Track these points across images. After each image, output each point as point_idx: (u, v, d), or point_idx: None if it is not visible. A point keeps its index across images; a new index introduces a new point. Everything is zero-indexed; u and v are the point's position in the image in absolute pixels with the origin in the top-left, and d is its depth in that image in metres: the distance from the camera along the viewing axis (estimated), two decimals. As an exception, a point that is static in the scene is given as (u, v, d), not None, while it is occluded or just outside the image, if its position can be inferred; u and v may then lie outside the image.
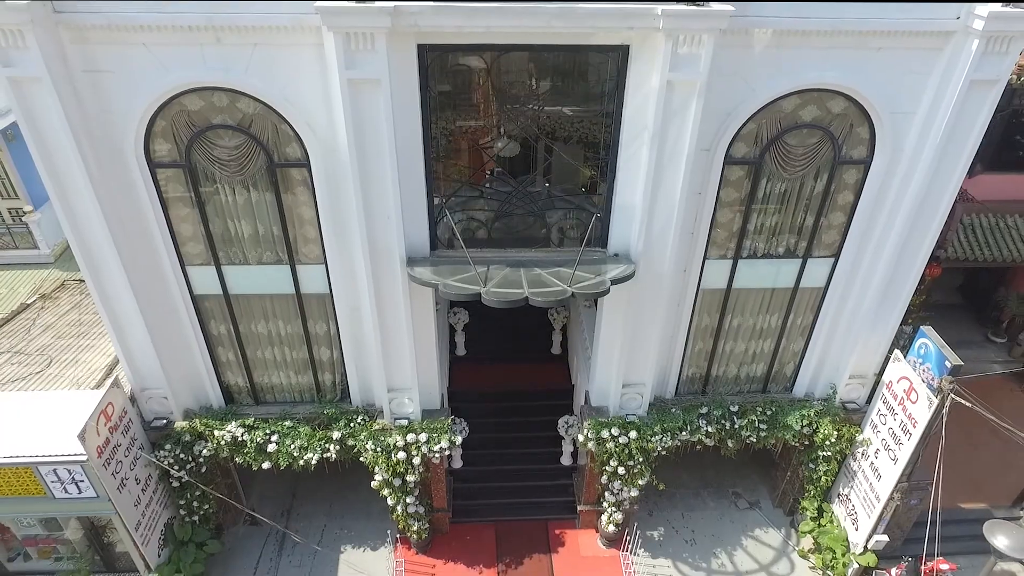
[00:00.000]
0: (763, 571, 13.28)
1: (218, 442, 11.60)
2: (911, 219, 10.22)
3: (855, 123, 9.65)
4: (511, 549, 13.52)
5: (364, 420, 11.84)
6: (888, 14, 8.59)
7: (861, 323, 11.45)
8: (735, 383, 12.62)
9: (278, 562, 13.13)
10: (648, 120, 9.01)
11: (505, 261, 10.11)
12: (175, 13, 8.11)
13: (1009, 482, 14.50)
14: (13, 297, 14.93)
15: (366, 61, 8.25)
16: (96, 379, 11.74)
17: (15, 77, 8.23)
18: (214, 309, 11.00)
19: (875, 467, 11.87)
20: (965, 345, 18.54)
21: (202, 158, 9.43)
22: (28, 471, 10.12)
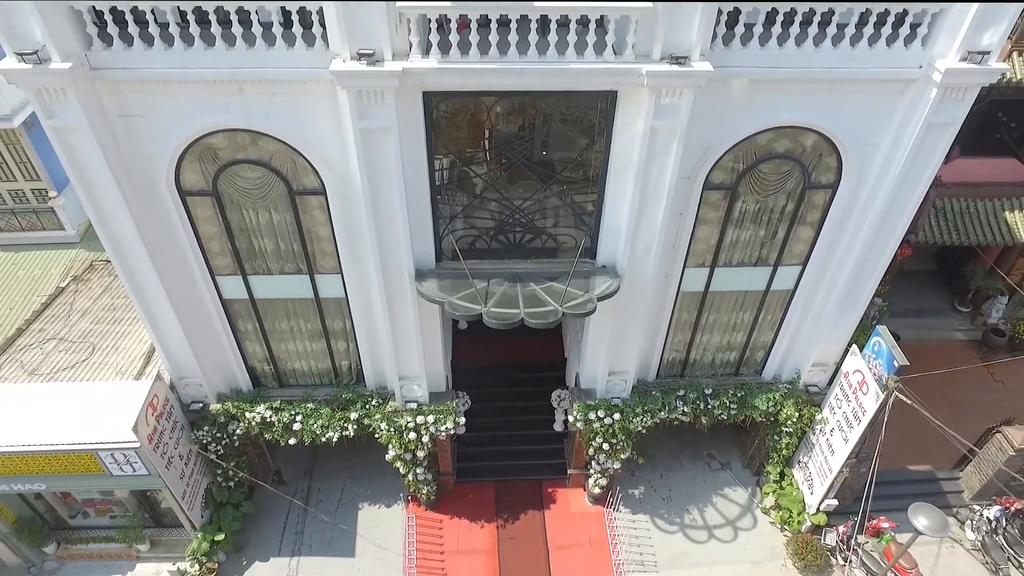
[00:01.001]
0: (730, 526, 15.15)
1: (249, 422, 13.09)
2: (872, 235, 11.25)
3: (824, 154, 10.53)
4: (509, 505, 15.35)
5: (378, 402, 13.30)
6: (855, 64, 9.34)
7: (825, 320, 12.70)
8: (710, 367, 14.01)
9: (304, 517, 14.96)
10: (633, 157, 9.91)
11: (504, 274, 11.22)
12: (201, 69, 8.88)
13: (951, 449, 16.01)
14: (46, 279, 16.04)
15: (377, 113, 9.08)
16: (137, 367, 13.08)
17: (59, 127, 9.08)
18: (241, 310, 12.21)
19: (830, 443, 13.44)
20: (933, 313, 19.99)
21: (228, 187, 10.38)
22: (90, 455, 11.64)
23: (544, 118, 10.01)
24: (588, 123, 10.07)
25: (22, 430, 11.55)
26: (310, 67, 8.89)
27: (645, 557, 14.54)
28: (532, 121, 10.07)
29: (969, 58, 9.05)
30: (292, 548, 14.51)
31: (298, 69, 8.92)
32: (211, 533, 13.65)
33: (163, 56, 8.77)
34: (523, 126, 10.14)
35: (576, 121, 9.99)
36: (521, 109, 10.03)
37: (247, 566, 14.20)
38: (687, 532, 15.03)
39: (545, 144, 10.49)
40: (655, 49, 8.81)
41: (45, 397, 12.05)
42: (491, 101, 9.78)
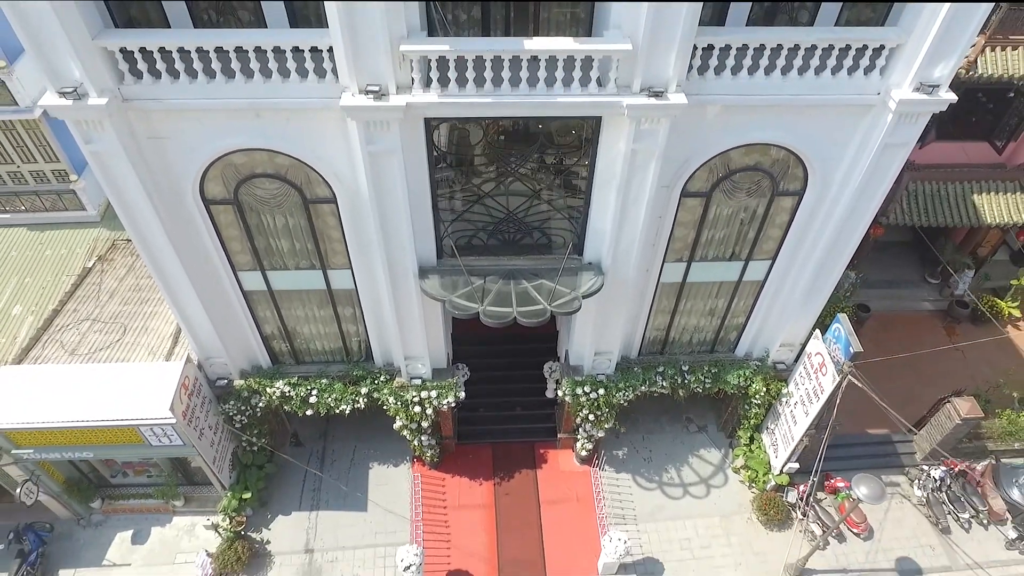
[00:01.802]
0: (703, 483, 16.84)
1: (270, 396, 14.52)
2: (834, 236, 12.35)
3: (791, 166, 11.52)
4: (504, 465, 17.00)
5: (386, 378, 14.69)
6: (819, 90, 10.24)
7: (792, 307, 13.94)
8: (688, 346, 15.35)
9: (320, 476, 16.61)
10: (616, 171, 10.90)
11: (499, 271, 12.36)
12: (222, 99, 9.79)
13: (910, 411, 17.49)
14: (72, 258, 17.12)
15: (383, 138, 10.03)
16: (166, 348, 14.39)
17: (96, 151, 10.05)
18: (260, 300, 13.42)
19: (793, 415, 14.92)
20: (905, 284, 21.24)
21: (247, 196, 11.40)
22: (132, 429, 13.09)
23: (536, 136, 10.95)
24: (577, 137, 11.03)
25: (72, 407, 12.94)
26: (321, 97, 9.80)
27: (626, 511, 16.28)
28: (525, 137, 11.02)
29: (921, 89, 9.96)
30: (311, 503, 16.22)
31: (310, 99, 9.83)
32: (239, 492, 15.31)
33: (188, 88, 9.66)
34: (516, 141, 11.09)
35: (566, 133, 10.92)
36: (514, 126, 10.97)
37: (271, 519, 15.94)
38: (664, 489, 16.73)
39: (538, 153, 11.47)
40: (635, 82, 9.70)
41: (91, 377, 13.39)
42: (488, 121, 10.71)
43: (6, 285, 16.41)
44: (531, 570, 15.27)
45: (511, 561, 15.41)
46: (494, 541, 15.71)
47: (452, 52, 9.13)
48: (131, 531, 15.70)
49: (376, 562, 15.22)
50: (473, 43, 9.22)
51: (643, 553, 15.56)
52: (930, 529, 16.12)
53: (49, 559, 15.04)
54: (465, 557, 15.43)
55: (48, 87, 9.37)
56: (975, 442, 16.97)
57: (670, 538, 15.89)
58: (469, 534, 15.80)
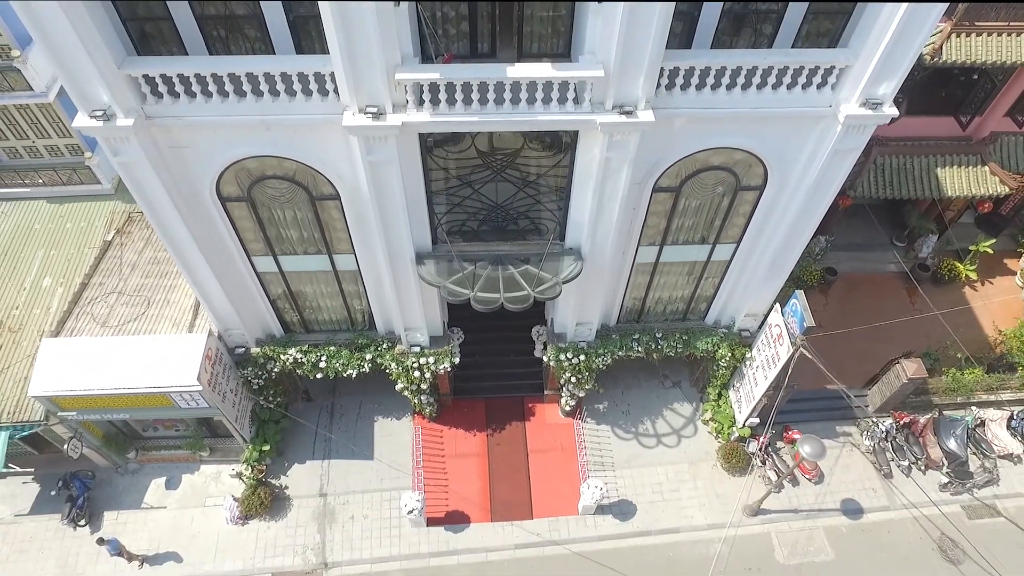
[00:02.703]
0: (675, 434, 18.72)
1: (284, 362, 16.11)
2: (792, 223, 13.58)
3: (752, 165, 12.65)
4: (496, 418, 18.83)
5: (388, 346, 16.25)
6: (776, 104, 11.30)
7: (755, 282, 15.32)
8: (662, 315, 16.84)
9: (330, 429, 18.46)
10: (592, 174, 12.05)
11: (488, 256, 13.67)
12: (235, 116, 10.86)
13: (865, 369, 19.30)
14: (92, 230, 18.30)
15: (382, 150, 11.16)
16: (187, 319, 15.84)
17: (123, 162, 11.18)
18: (272, 280, 14.79)
19: (754, 377, 16.58)
20: (873, 247, 22.60)
21: (259, 194, 12.59)
22: (163, 396, 14.73)
23: (520, 140, 12.06)
24: (558, 142, 12.14)
25: (110, 376, 14.51)
26: (324, 114, 10.87)
27: (605, 459, 18.22)
28: (511, 140, 12.11)
29: (867, 104, 11.03)
30: (323, 453, 18.12)
31: (314, 115, 10.90)
32: (259, 444, 17.15)
33: (204, 106, 10.72)
34: (503, 145, 12.19)
35: (547, 140, 12.03)
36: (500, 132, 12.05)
37: (288, 467, 17.87)
38: (640, 439, 18.63)
39: (521, 156, 12.58)
40: (608, 101, 10.76)
41: (125, 348, 14.90)
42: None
43: (34, 258, 17.70)
44: (520, 511, 17.31)
45: (502, 503, 17.44)
46: (487, 486, 17.70)
47: (442, 79, 10.16)
48: (164, 478, 17.65)
49: (382, 505, 17.24)
50: (461, 70, 10.23)
51: (619, 496, 17.58)
52: (874, 474, 18.11)
53: (94, 503, 17.03)
54: (461, 500, 17.45)
55: (80, 110, 10.43)
56: (922, 396, 18.75)
57: (643, 482, 17.89)
58: (465, 480, 17.78)
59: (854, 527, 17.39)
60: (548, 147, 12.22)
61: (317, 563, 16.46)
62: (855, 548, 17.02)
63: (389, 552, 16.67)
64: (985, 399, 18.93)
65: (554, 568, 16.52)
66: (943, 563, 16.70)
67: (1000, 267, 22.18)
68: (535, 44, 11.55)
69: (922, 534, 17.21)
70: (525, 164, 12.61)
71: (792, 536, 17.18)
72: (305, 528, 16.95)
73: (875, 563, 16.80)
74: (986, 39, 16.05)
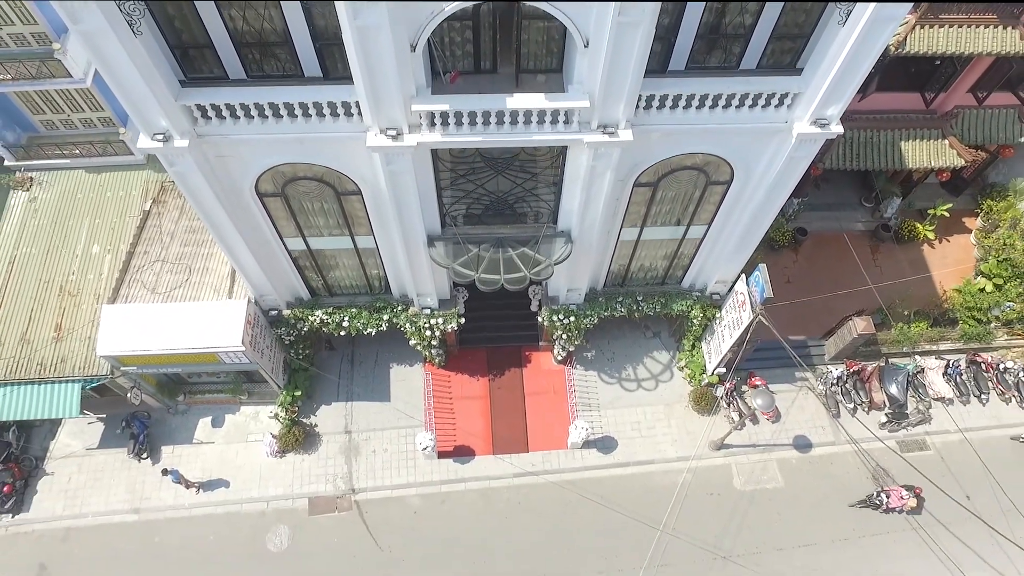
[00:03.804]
0: (654, 379, 21.36)
1: (311, 323, 18.48)
2: (755, 211, 15.57)
3: (720, 165, 14.51)
4: (497, 365, 21.40)
5: (402, 308, 18.55)
6: (739, 120, 13.07)
7: (725, 255, 17.43)
8: (643, 280, 19.06)
9: (351, 375, 21.06)
10: (580, 176, 13.95)
11: (490, 239, 15.71)
12: (273, 134, 12.67)
13: (825, 320, 21.65)
14: (129, 199, 20.13)
15: (399, 161, 13.02)
16: (226, 286, 18.03)
17: (178, 171, 13.07)
18: (301, 255, 16.89)
19: (722, 334, 18.97)
20: (843, 207, 24.52)
21: (292, 191, 14.51)
22: (211, 354, 17.17)
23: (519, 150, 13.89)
24: (551, 150, 13.95)
25: (165, 338, 16.86)
26: (349, 132, 12.68)
27: (592, 400, 20.93)
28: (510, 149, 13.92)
29: (817, 123, 12.81)
30: (346, 395, 20.80)
31: (341, 133, 12.71)
32: (291, 390, 19.78)
33: (246, 126, 12.52)
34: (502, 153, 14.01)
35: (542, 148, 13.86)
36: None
37: (317, 408, 20.60)
38: (622, 383, 21.29)
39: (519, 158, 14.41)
40: (593, 122, 12.54)
41: (176, 313, 17.19)
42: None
43: (82, 226, 19.70)
44: (517, 446, 20.18)
45: (502, 439, 20.29)
46: (489, 424, 20.50)
47: (451, 109, 11.93)
48: (210, 417, 20.41)
49: (399, 441, 20.08)
50: (467, 101, 11.98)
51: (603, 432, 20.41)
52: (824, 415, 20.89)
53: (153, 439, 19.86)
54: (467, 436, 20.29)
55: (142, 133, 12.23)
56: (872, 347, 21.27)
57: (624, 421, 20.69)
58: (470, 419, 20.56)
59: (803, 459, 20.34)
60: (542, 153, 14.03)
61: (346, 489, 19.48)
62: (802, 477, 20.03)
63: (406, 480, 19.65)
64: (928, 349, 21.47)
65: (547, 494, 19.56)
66: (875, 489, 19.71)
67: (959, 226, 24.13)
68: (532, 62, 13.11)
69: (860, 465, 20.16)
70: (522, 165, 14.45)
71: (749, 467, 20.16)
72: (334, 460, 19.87)
73: (817, 489, 19.85)
74: (948, 31, 17.39)
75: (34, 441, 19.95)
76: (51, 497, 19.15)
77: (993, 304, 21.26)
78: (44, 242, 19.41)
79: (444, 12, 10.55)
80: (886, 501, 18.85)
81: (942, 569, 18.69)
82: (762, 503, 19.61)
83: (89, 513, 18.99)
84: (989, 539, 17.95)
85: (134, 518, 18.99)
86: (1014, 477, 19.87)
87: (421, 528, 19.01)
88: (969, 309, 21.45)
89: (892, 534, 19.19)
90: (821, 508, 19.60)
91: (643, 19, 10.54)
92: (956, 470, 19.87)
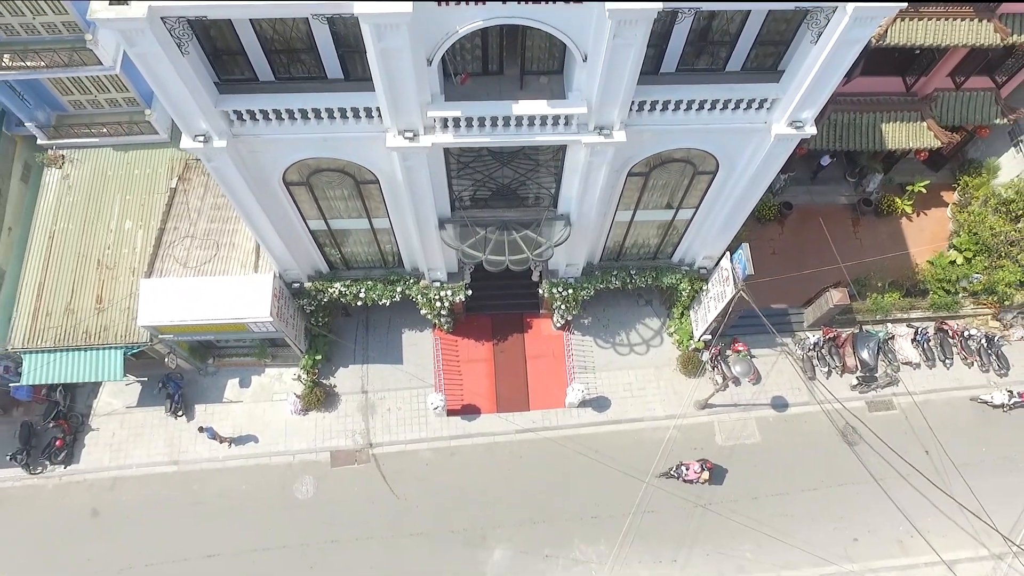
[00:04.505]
0: (645, 344, 23.14)
1: (331, 294, 20.12)
2: (739, 197, 17.00)
3: (707, 158, 15.89)
4: (500, 330, 23.16)
5: (414, 281, 20.17)
6: (723, 120, 14.41)
7: (712, 235, 18.94)
8: (636, 256, 20.62)
9: (366, 340, 22.82)
10: (578, 169, 15.36)
11: (496, 222, 17.21)
12: (300, 134, 14.03)
13: (806, 289, 23.26)
14: (156, 176, 21.43)
15: (414, 157, 14.41)
16: (252, 261, 19.57)
17: (216, 167, 14.48)
18: (322, 234, 18.41)
19: (708, 305, 20.64)
20: (829, 181, 25.89)
21: (316, 181, 15.94)
22: (241, 324, 18.87)
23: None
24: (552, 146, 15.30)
25: (200, 309, 18.50)
26: (370, 132, 14.04)
27: (588, 363, 22.77)
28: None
29: (792, 125, 14.16)
30: (362, 359, 22.62)
31: (362, 133, 14.07)
32: (312, 354, 21.58)
33: (277, 127, 13.88)
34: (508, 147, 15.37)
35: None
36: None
37: (335, 370, 22.45)
38: (616, 347, 23.09)
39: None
40: (590, 124, 13.89)
41: (209, 286, 18.78)
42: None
43: (114, 202, 21.09)
44: (519, 404, 22.12)
45: (505, 398, 22.20)
46: (493, 384, 22.38)
47: (462, 115, 13.27)
48: (237, 379, 22.27)
49: (411, 400, 22.00)
50: (476, 107, 13.31)
51: (597, 393, 22.31)
52: (801, 377, 22.76)
53: (187, 398, 21.76)
54: (473, 396, 22.20)
55: (184, 134, 13.59)
56: (847, 315, 22.97)
57: (618, 382, 22.57)
58: (475, 380, 22.43)
59: (779, 418, 22.32)
60: (544, 149, 15.38)
61: (364, 444, 21.51)
62: (778, 434, 22.04)
63: (418, 435, 21.66)
64: (899, 317, 23.18)
65: (546, 448, 21.59)
66: (842, 445, 21.77)
67: (937, 200, 25.48)
68: (535, 64, 14.35)
69: (831, 423, 22.15)
70: (527, 155, 15.82)
71: (730, 424, 22.15)
72: (352, 417, 21.83)
73: (791, 445, 21.88)
74: (926, 24, 18.43)
75: (78, 400, 21.85)
76: (98, 450, 21.19)
77: (962, 276, 22.86)
78: (80, 218, 20.85)
79: (458, 34, 11.81)
80: (684, 473, 20.39)
81: (898, 516, 20.88)
82: (740, 457, 21.67)
83: (133, 464, 21.07)
84: (936, 490, 20.02)
85: (173, 469, 21.07)
86: (971, 433, 21.92)
87: (433, 478, 21.11)
88: (939, 280, 23.05)
89: (855, 486, 21.31)
90: (794, 461, 21.67)
91: (635, 40, 11.80)
92: (918, 428, 21.84)
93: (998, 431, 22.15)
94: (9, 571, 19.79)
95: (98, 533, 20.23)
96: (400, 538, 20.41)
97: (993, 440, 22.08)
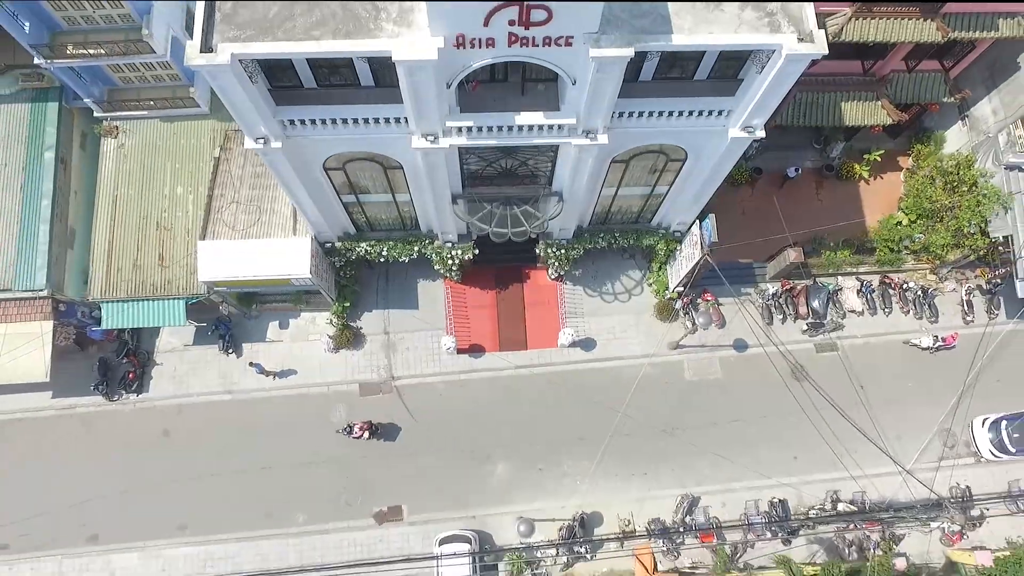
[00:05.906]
0: (627, 293, 26.74)
1: (358, 253, 23.55)
2: (705, 179, 20.19)
3: (677, 150, 18.98)
4: (502, 281, 26.71)
5: (429, 241, 23.56)
6: (690, 125, 17.45)
7: (684, 205, 22.23)
8: (620, 220, 23.92)
9: (387, 289, 26.39)
10: (569, 160, 18.49)
11: (500, 197, 20.43)
12: (341, 136, 17.10)
13: (768, 249, 26.65)
14: (200, 146, 24.24)
15: (434, 155, 17.52)
16: (290, 225, 22.83)
17: (271, 160, 17.61)
18: (352, 205, 21.65)
19: (681, 263, 24.09)
20: (798, 148, 28.74)
21: (350, 167, 19.06)
22: (285, 279, 22.37)
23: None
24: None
25: (250, 267, 21.94)
26: (397, 134, 17.11)
27: (577, 309, 26.45)
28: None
29: (745, 129, 17.22)
30: (383, 304, 26.26)
31: (391, 135, 17.14)
32: (341, 301, 25.20)
33: (322, 130, 16.93)
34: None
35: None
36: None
37: (360, 314, 26.14)
38: (603, 296, 26.71)
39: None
40: (579, 129, 16.94)
41: (257, 247, 22.14)
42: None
43: (165, 170, 24.11)
44: (518, 344, 25.96)
45: (507, 339, 26.02)
46: (496, 327, 26.14)
47: (474, 124, 16.33)
48: (277, 322, 26.00)
49: (426, 341, 25.83)
50: (486, 118, 16.34)
51: (585, 335, 26.10)
52: (759, 323, 26.49)
53: (236, 338, 25.55)
54: (479, 337, 26.01)
55: (247, 136, 16.65)
56: (804, 269, 26.46)
57: (603, 327, 26.33)
58: (481, 324, 26.17)
59: (740, 357, 26.23)
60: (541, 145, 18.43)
61: (387, 377, 25.49)
62: (738, 371, 26.01)
63: (433, 370, 25.61)
64: (849, 271, 26.69)
65: (540, 381, 25.60)
66: (792, 380, 25.73)
67: (893, 165, 28.41)
68: (533, 73, 17.20)
69: (783, 362, 26.01)
70: (527, 149, 18.90)
71: (697, 362, 26.09)
72: (377, 355, 25.72)
73: (748, 380, 25.87)
74: (877, 22, 20.93)
75: (143, 339, 25.64)
76: (163, 382, 25.17)
77: (905, 236, 26.20)
78: (137, 183, 23.92)
79: (472, 68, 14.74)
80: (355, 430, 23.62)
81: (833, 440, 25.08)
82: (704, 390, 25.74)
83: (194, 393, 25.10)
84: (869, 422, 24.15)
85: (228, 397, 25.13)
86: (902, 370, 25.92)
87: (445, 406, 25.23)
88: (886, 240, 26.39)
89: (800, 415, 25.40)
90: (749, 395, 25.72)
91: (614, 73, 14.76)
92: (857, 367, 25.78)
93: (923, 369, 26.14)
94: (101, 481, 24.15)
95: (170, 450, 24.50)
96: (420, 455, 24.72)
97: (918, 376, 26.09)
